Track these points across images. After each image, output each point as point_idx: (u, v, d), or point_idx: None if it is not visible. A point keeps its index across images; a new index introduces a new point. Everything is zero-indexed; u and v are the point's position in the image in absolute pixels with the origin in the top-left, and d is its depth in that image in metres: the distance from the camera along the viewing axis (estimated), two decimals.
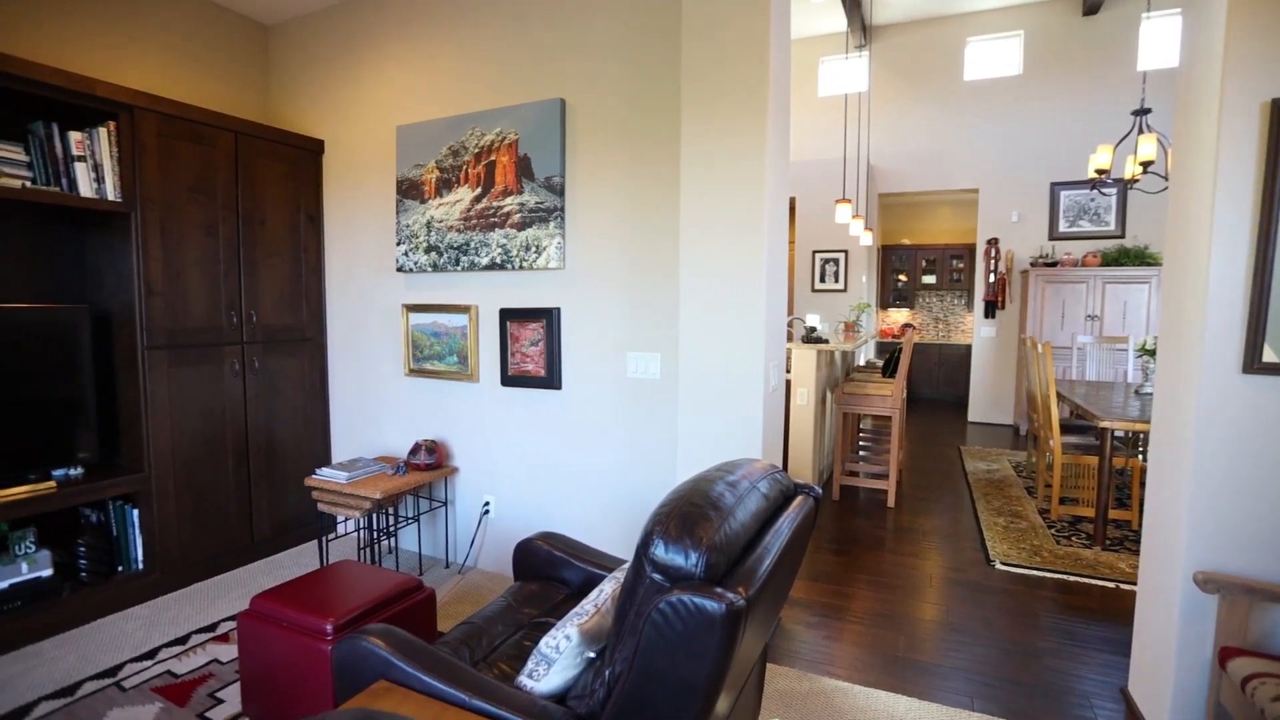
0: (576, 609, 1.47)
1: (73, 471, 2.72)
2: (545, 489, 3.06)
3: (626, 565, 1.75)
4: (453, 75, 3.15)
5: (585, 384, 2.91)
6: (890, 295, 9.43)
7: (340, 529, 3.66)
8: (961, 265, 9.04)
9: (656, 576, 1.15)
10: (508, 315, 3.03)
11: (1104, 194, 4.42)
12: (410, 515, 3.39)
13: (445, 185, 3.13)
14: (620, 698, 1.17)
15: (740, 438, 2.38)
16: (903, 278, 9.33)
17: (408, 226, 3.25)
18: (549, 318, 2.93)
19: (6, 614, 2.46)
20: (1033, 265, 6.59)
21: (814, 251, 7.41)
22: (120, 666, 2.34)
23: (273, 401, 3.40)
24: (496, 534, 3.21)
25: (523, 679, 1.41)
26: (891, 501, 4.30)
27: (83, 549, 2.74)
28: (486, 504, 3.22)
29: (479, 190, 3.03)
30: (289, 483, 3.49)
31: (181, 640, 2.53)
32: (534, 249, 2.90)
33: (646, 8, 2.65)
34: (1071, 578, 3.16)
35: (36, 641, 2.50)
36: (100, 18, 3.04)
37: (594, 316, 2.86)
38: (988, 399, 7.32)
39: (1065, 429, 4.23)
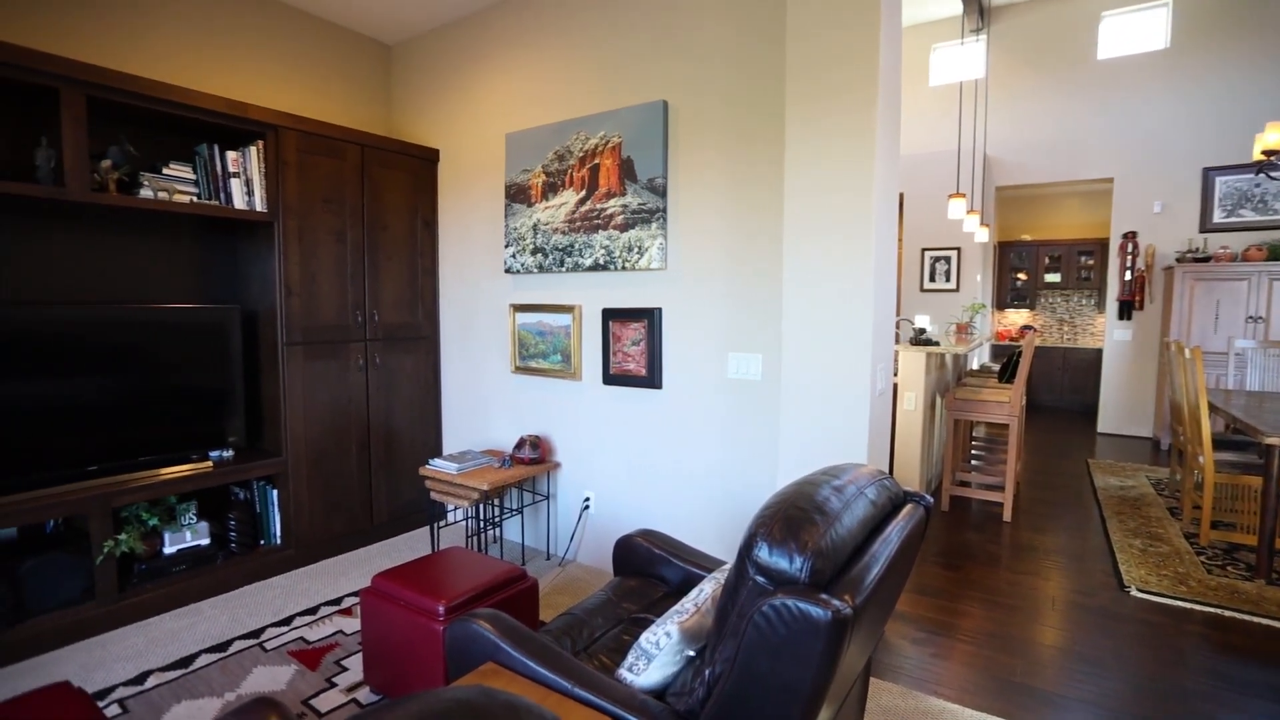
0: (676, 607, 1.48)
1: (225, 454, 3.06)
2: (644, 487, 3.10)
3: (726, 566, 1.74)
4: (558, 82, 3.26)
5: (686, 384, 2.92)
6: (1008, 295, 8.77)
7: (450, 517, 3.88)
8: (1091, 262, 8.26)
9: (759, 579, 1.14)
10: (610, 315, 3.09)
11: (1273, 178, 3.86)
12: (514, 507, 3.54)
13: (551, 189, 3.24)
14: (720, 698, 1.17)
15: (844, 442, 2.30)
16: (1022, 276, 8.66)
17: (515, 229, 3.39)
18: (650, 318, 2.96)
19: (175, 575, 2.81)
20: (1179, 261, 5.92)
21: (923, 249, 7.03)
22: (263, 630, 2.61)
23: (391, 395, 3.66)
24: (596, 529, 3.29)
25: (622, 672, 1.44)
26: (1008, 515, 4.01)
27: (233, 522, 3.07)
28: (587, 499, 3.31)
29: (583, 193, 3.11)
30: (404, 471, 3.74)
31: (312, 611, 2.78)
32: (636, 250, 2.94)
33: (748, 8, 2.62)
34: (1227, 613, 2.81)
35: (196, 601, 2.84)
36: (247, 46, 3.39)
37: (695, 317, 2.87)
38: (1121, 408, 6.65)
39: (1219, 444, 3.77)
